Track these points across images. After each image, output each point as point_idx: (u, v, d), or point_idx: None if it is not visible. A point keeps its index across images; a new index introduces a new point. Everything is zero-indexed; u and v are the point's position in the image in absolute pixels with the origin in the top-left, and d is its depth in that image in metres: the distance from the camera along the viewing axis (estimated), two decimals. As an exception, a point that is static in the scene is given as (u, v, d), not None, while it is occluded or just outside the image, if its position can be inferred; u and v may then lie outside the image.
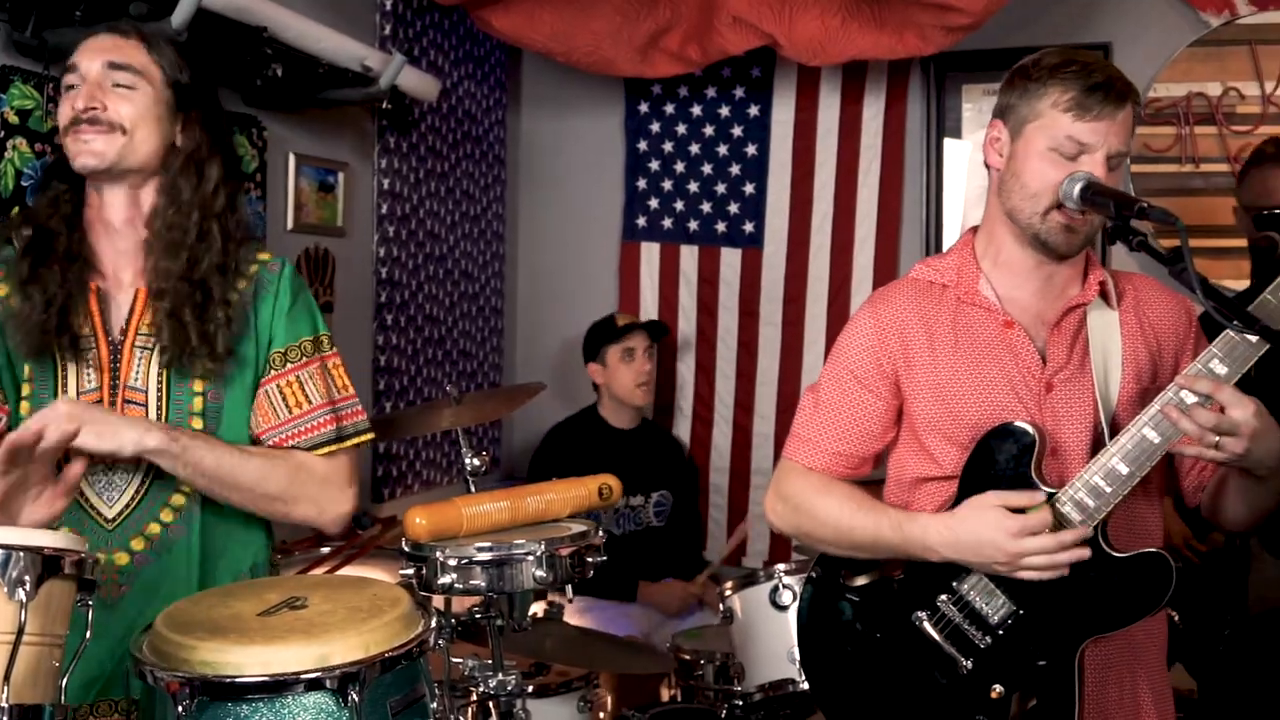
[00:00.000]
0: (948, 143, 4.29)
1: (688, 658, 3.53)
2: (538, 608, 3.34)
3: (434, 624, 1.98)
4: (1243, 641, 2.98)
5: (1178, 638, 3.36)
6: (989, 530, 1.88)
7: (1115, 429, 1.92)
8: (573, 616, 3.79)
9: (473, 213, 4.39)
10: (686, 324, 4.60)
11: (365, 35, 3.75)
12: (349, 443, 2.23)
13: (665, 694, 3.65)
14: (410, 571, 2.22)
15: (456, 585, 2.17)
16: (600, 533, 2.31)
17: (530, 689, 2.88)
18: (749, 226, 4.51)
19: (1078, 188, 1.91)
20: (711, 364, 4.58)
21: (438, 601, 2.59)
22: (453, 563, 2.15)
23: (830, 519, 2.07)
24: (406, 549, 2.23)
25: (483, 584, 2.19)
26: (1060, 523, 1.89)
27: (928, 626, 1.99)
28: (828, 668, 2.13)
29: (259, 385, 2.13)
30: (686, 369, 4.62)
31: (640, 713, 3.30)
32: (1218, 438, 1.77)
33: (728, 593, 3.41)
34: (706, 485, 4.57)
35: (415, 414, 3.35)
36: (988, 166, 2.08)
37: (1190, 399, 1.80)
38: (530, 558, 2.17)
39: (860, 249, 4.37)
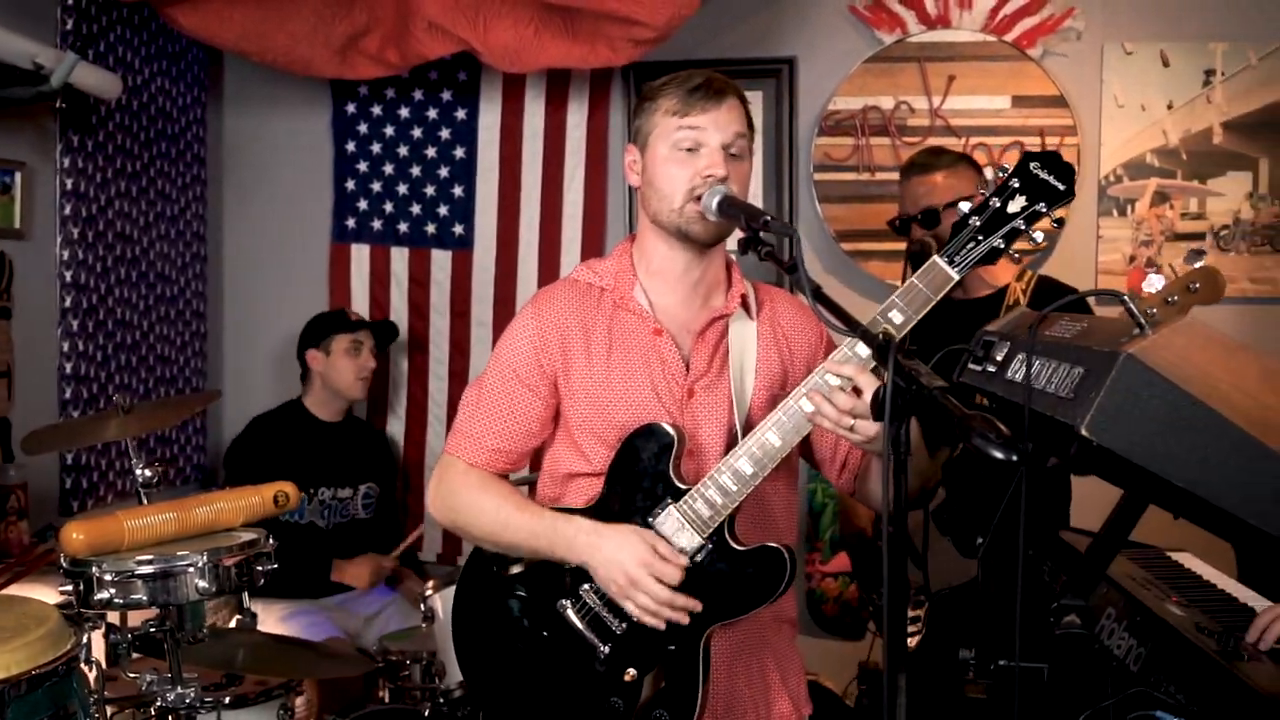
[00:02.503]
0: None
1: (395, 658, 3.56)
2: (234, 618, 3.30)
3: (85, 640, 1.96)
4: (929, 616, 3.25)
5: (874, 616, 3.61)
6: (627, 553, 2.01)
7: (749, 431, 2.07)
8: (276, 624, 3.75)
9: (169, 213, 4.26)
10: (399, 325, 4.60)
11: (46, 32, 3.60)
12: None
13: (381, 696, 3.65)
14: (69, 588, 2.18)
15: (116, 600, 2.15)
16: (270, 540, 2.32)
17: (227, 700, 2.85)
18: (459, 228, 4.55)
19: (715, 200, 2.07)
20: (424, 365, 4.60)
21: (113, 617, 2.55)
22: (110, 577, 2.13)
23: (488, 516, 2.14)
24: (65, 565, 2.19)
25: (145, 597, 2.17)
26: (686, 521, 2.03)
27: (570, 614, 2.10)
28: (479, 655, 2.20)
29: None
30: (399, 370, 4.62)
31: (340, 717, 3.30)
32: (853, 420, 1.92)
33: (429, 592, 3.45)
34: (421, 484, 4.60)
35: (82, 424, 3.24)
36: (633, 189, 2.22)
37: (835, 381, 1.95)
38: (192, 569, 2.17)
39: (567, 250, 4.47)
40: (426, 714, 3.36)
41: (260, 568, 2.29)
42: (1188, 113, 4.23)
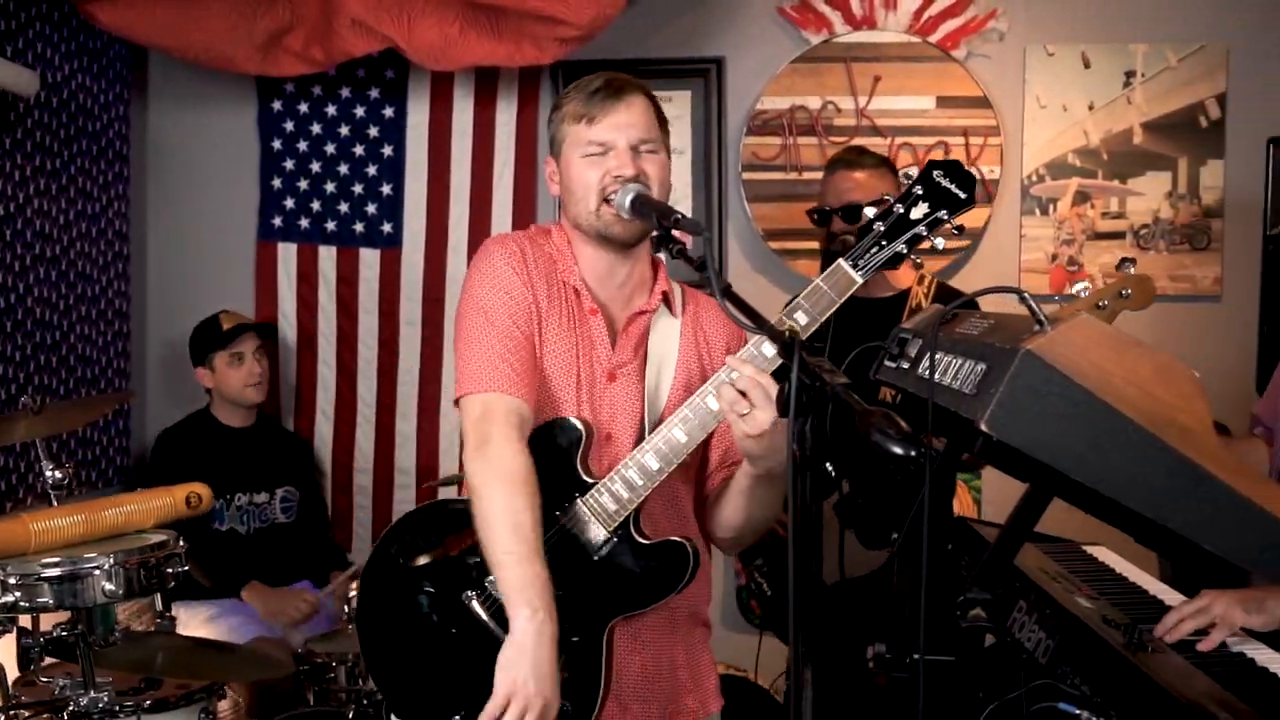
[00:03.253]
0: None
1: (320, 660, 3.54)
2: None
3: (-13, 645, 1.93)
4: (828, 607, 3.28)
5: (773, 605, 3.64)
6: (551, 679, 1.94)
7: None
8: (202, 626, 3.72)
9: (90, 212, 4.19)
10: (326, 325, 4.56)
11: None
12: None
13: (307, 698, 3.63)
14: (-26, 592, 2.15)
15: (21, 603, 2.12)
16: (181, 541, 2.30)
17: (147, 703, 2.82)
18: (387, 227, 4.52)
19: (628, 199, 2.09)
20: (353, 365, 4.57)
21: (25, 620, 2.51)
22: (14, 580, 2.10)
23: (493, 516, 2.01)
24: (-30, 569, 2.16)
25: (51, 600, 2.15)
26: (592, 514, 2.06)
27: (476, 605, 2.10)
28: (383, 646, 2.20)
29: None
30: (327, 370, 4.58)
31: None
32: (749, 407, 1.91)
33: (352, 592, 3.44)
34: (350, 485, 4.56)
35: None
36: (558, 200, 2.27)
37: (735, 376, 1.95)
38: (99, 571, 2.14)
39: (496, 249, 4.45)
40: (351, 716, 3.34)
41: (171, 570, 2.26)
42: (1108, 113, 4.30)
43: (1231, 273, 4.28)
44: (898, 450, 1.60)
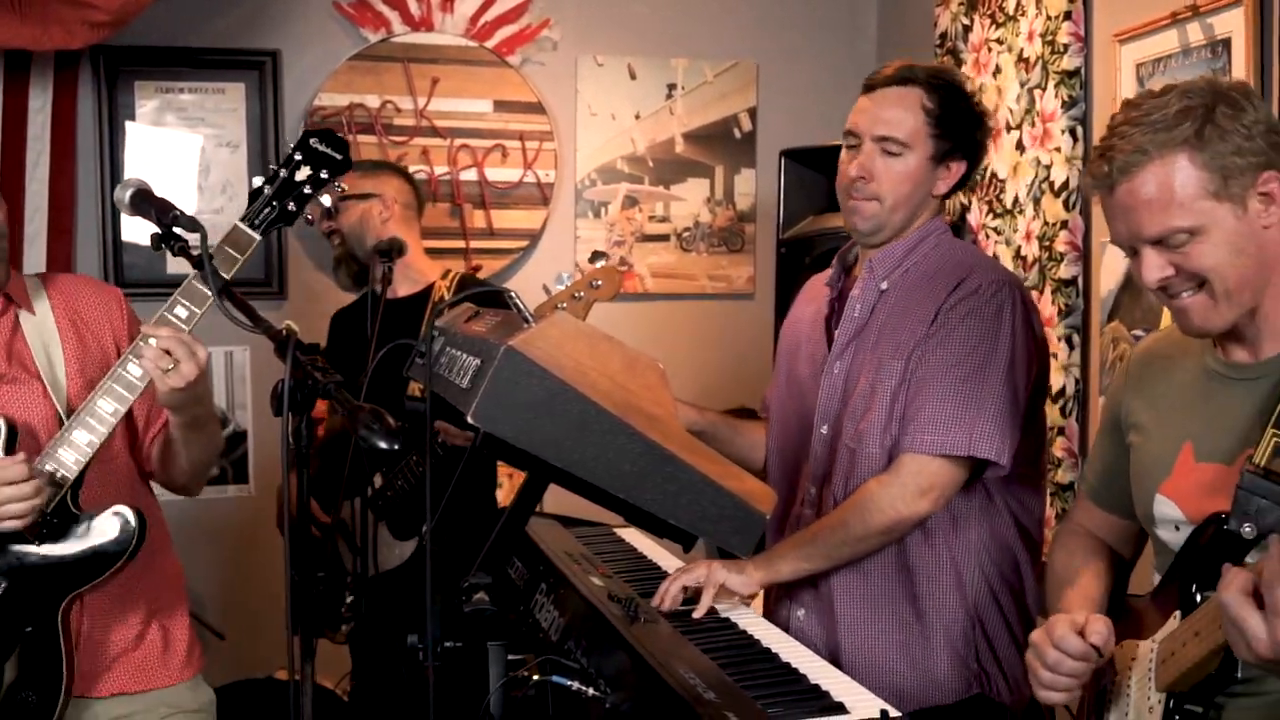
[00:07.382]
0: (130, 126, 4.20)
1: None
2: None
3: None
4: (370, 600, 3.33)
5: (322, 601, 3.65)
6: None
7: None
8: None
9: None
10: None
11: None
12: None
13: None
14: None
15: None
16: None
17: None
18: (-99, 219, 4.12)
19: (128, 194, 2.05)
20: None
21: None
22: None
23: None
24: None
25: None
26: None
27: None
28: None
29: None
30: None
31: None
32: (172, 364, 2.01)
33: None
34: None
35: None
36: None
37: (154, 341, 2.03)
38: None
39: (32, 242, 4.14)
40: None
41: None
42: (653, 123, 4.59)
43: (762, 272, 4.66)
44: (382, 444, 1.68)
